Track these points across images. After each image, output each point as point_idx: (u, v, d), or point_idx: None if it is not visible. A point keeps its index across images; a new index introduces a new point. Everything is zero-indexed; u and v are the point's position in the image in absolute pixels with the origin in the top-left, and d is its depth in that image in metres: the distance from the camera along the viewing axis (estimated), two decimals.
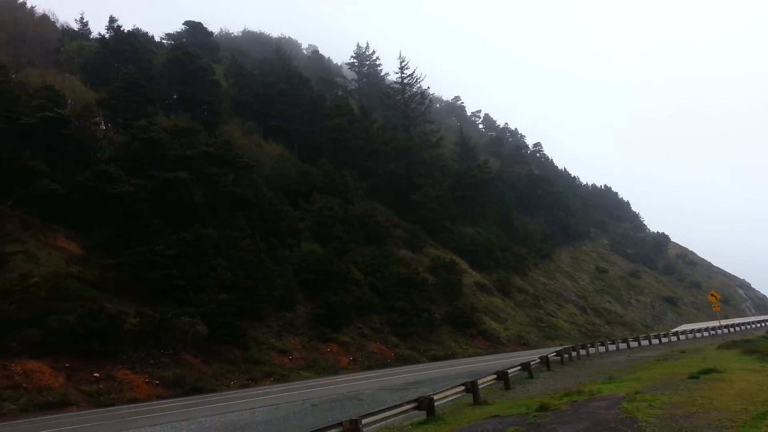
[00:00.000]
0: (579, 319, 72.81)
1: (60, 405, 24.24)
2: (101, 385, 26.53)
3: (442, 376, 28.85)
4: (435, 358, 44.13)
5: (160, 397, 27.21)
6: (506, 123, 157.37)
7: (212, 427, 17.55)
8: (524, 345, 54.98)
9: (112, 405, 25.23)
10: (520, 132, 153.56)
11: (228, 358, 33.23)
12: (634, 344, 46.80)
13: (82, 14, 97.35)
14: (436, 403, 16.25)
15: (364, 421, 13.12)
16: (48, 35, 62.86)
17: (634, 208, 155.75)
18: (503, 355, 44.93)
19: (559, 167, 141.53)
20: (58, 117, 36.84)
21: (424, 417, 15.81)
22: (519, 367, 24.97)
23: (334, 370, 37.06)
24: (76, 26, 73.68)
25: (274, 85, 70.68)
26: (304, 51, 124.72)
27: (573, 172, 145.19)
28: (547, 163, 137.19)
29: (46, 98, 38.74)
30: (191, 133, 47.94)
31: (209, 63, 64.54)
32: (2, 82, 37.44)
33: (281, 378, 33.52)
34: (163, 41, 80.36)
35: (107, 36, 62.58)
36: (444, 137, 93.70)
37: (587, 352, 38.36)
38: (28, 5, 67.47)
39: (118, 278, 34.48)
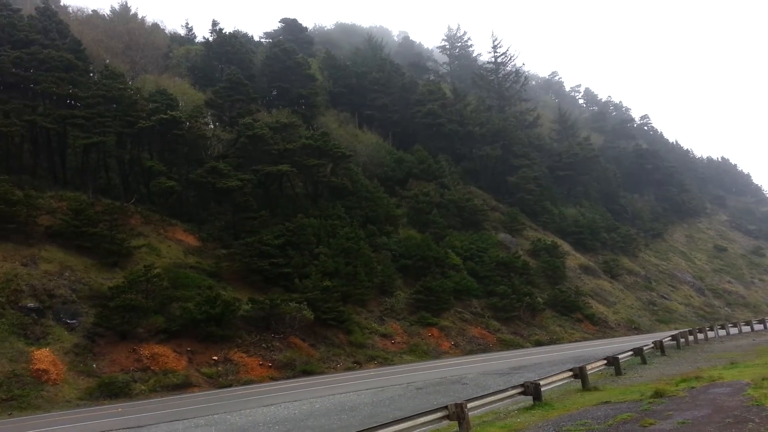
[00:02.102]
0: (696, 302, 68.19)
1: (184, 386, 26.29)
2: (219, 368, 28.45)
3: (546, 362, 28.21)
4: (539, 343, 43.20)
5: (272, 379, 28.75)
6: (609, 96, 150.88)
7: (322, 408, 18.31)
8: (635, 329, 52.41)
9: (230, 386, 26.99)
10: (624, 105, 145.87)
11: (333, 342, 34.43)
12: (758, 327, 43.24)
13: (187, 21, 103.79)
14: (542, 389, 15.95)
15: (469, 405, 13.15)
16: (158, 42, 67.53)
17: (756, 180, 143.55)
18: (612, 340, 43.09)
19: (670, 140, 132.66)
20: (172, 119, 39.54)
21: (531, 402, 15.57)
22: (630, 353, 23.86)
23: (436, 354, 37.32)
24: (182, 32, 78.88)
25: (366, 74, 71.63)
26: (395, 38, 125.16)
27: (685, 145, 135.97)
28: (656, 137, 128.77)
29: (159, 102, 41.72)
30: (291, 127, 49.74)
31: (305, 58, 66.49)
32: (121, 89, 40.74)
33: (384, 361, 34.27)
34: (261, 40, 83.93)
35: (211, 39, 66.25)
36: (541, 115, 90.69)
37: (705, 335, 35.93)
38: (140, 16, 72.82)
39: (231, 267, 36.69)
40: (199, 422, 16.88)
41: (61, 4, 67.22)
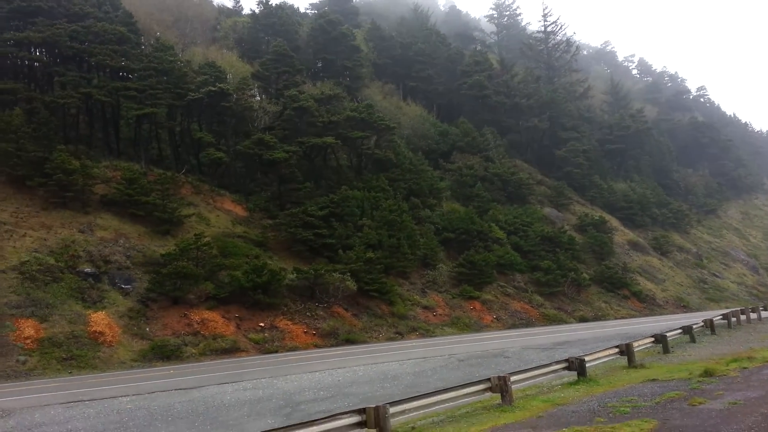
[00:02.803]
0: (749, 280, 65.78)
1: (232, 350, 27.20)
2: (266, 334, 29.28)
3: (591, 338, 27.87)
4: (583, 319, 42.64)
5: (316, 346, 29.43)
6: (664, 66, 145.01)
7: (365, 376, 18.68)
8: (684, 307, 51.06)
9: (276, 352, 27.78)
10: (680, 76, 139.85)
11: (376, 312, 34.87)
12: None
13: None
14: (587, 364, 15.80)
15: (512, 378, 13.19)
16: (206, 14, 68.30)
17: None
18: (660, 318, 42.14)
19: (727, 113, 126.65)
20: (220, 91, 40.12)
21: (575, 378, 15.48)
22: (679, 331, 23.31)
23: (478, 327, 37.35)
24: (230, 4, 79.43)
25: (411, 45, 70.65)
26: (441, 8, 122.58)
27: (743, 118, 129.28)
28: (712, 109, 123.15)
29: (208, 74, 42.35)
30: (336, 99, 49.80)
31: (350, 29, 66.04)
32: (171, 61, 41.51)
33: (426, 333, 34.54)
34: (307, 11, 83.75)
35: (257, 11, 66.51)
36: (592, 86, 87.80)
37: (759, 315, 34.65)
38: None
39: (277, 237, 37.42)
40: (247, 386, 17.49)
41: None
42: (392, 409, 11.10)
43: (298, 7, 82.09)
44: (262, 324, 29.86)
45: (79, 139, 39.11)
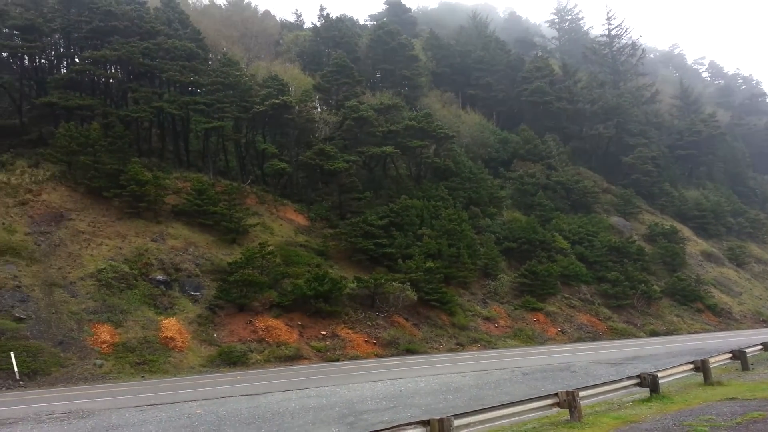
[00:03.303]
0: None
1: (295, 358, 27.66)
2: (327, 342, 29.61)
3: (662, 353, 26.70)
4: (654, 333, 40.84)
5: (377, 356, 29.49)
6: (737, 69, 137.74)
7: (427, 387, 18.55)
8: (763, 322, 48.03)
9: (337, 360, 28.03)
10: (754, 78, 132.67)
11: (436, 322, 34.63)
12: None
13: (296, 8, 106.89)
14: (660, 381, 15.12)
15: (581, 394, 12.76)
16: (270, 29, 70.30)
17: None
18: (737, 333, 39.86)
19: None
20: (283, 103, 41.12)
21: (647, 394, 14.84)
22: (759, 347, 21.92)
23: (542, 339, 36.43)
24: (292, 19, 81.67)
25: (470, 53, 70.32)
26: (500, 15, 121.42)
27: None
28: None
29: (272, 87, 43.51)
30: (395, 109, 50.11)
31: (408, 39, 66.39)
32: (237, 76, 42.92)
33: (488, 344, 33.99)
34: (366, 23, 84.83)
35: (318, 24, 67.98)
36: (660, 91, 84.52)
37: None
38: (253, 4, 76.12)
39: (337, 246, 37.86)
40: (311, 393, 17.71)
41: None
42: (457, 422, 10.95)
43: (357, 19, 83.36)
44: (323, 332, 30.22)
45: (152, 152, 40.98)
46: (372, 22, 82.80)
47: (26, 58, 41.12)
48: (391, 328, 32.13)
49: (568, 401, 12.58)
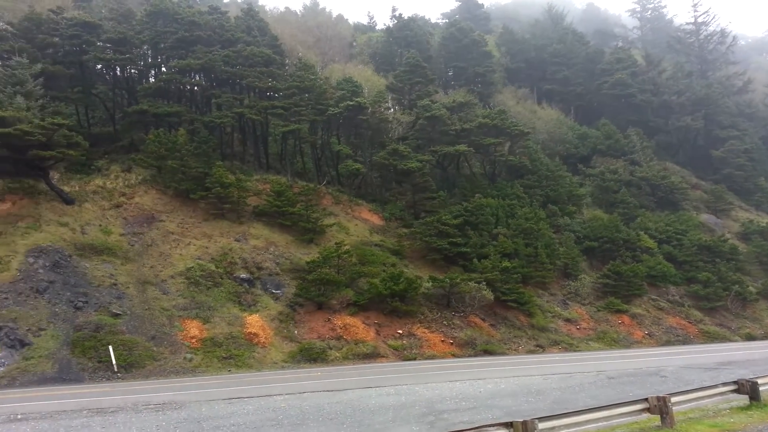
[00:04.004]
0: None
1: (372, 356, 27.93)
2: (404, 341, 29.71)
3: (761, 358, 25.02)
4: (750, 338, 38.20)
5: (454, 356, 29.29)
6: None
7: (507, 389, 18.23)
8: None
9: (414, 359, 28.07)
10: None
11: (514, 323, 33.96)
12: None
13: (369, 11, 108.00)
14: (761, 388, 14.15)
15: (673, 399, 12.18)
16: (343, 32, 71.51)
17: None
18: None
19: None
20: (357, 105, 41.69)
21: (746, 402, 13.98)
22: None
23: (627, 343, 34.92)
24: (365, 21, 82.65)
25: (546, 47, 68.55)
26: (577, 6, 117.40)
27: None
28: None
29: (346, 89, 44.18)
30: (467, 107, 49.65)
31: (481, 35, 65.61)
32: (312, 79, 43.89)
33: (569, 347, 32.97)
34: (438, 21, 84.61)
35: (390, 25, 68.42)
36: (753, 79, 78.85)
37: None
38: (327, 9, 77.74)
39: (412, 246, 37.93)
40: (390, 391, 17.84)
41: (259, 3, 74.24)
42: (541, 425, 10.71)
43: (429, 18, 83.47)
44: (400, 331, 30.35)
45: (234, 155, 42.65)
46: (444, 20, 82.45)
47: (118, 69, 43.91)
48: (468, 328, 31.82)
49: (659, 407, 12.05)
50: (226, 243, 32.46)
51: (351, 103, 41.36)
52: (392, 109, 50.78)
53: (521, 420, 10.48)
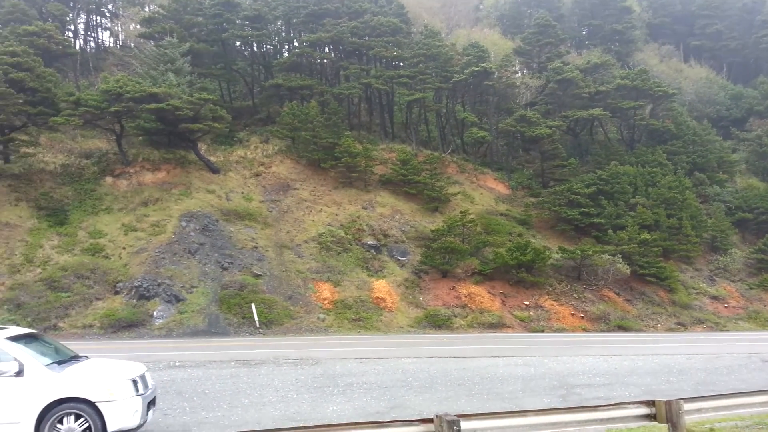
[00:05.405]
0: None
1: (498, 326, 27.67)
2: (531, 312, 29.08)
3: None
4: None
5: (585, 330, 28.19)
6: None
7: (645, 366, 17.24)
8: None
9: (542, 331, 27.40)
10: None
11: (652, 299, 31.88)
12: None
13: None
14: None
15: None
16: None
17: None
18: None
19: None
20: (483, 70, 40.59)
21: None
22: None
23: None
24: None
25: None
26: None
27: None
28: None
29: (471, 54, 43.20)
30: (603, 68, 46.55)
31: None
32: (438, 46, 43.34)
33: (715, 326, 30.40)
34: None
35: None
36: None
37: None
38: None
39: (540, 216, 36.75)
40: (518, 362, 17.59)
41: None
42: (687, 406, 9.98)
43: None
44: (526, 302, 29.73)
45: (361, 125, 43.64)
46: None
47: (255, 45, 46.36)
48: (601, 303, 30.39)
49: None
50: (354, 210, 33.52)
51: (476, 68, 40.37)
52: (520, 74, 48.92)
53: (665, 399, 9.84)
